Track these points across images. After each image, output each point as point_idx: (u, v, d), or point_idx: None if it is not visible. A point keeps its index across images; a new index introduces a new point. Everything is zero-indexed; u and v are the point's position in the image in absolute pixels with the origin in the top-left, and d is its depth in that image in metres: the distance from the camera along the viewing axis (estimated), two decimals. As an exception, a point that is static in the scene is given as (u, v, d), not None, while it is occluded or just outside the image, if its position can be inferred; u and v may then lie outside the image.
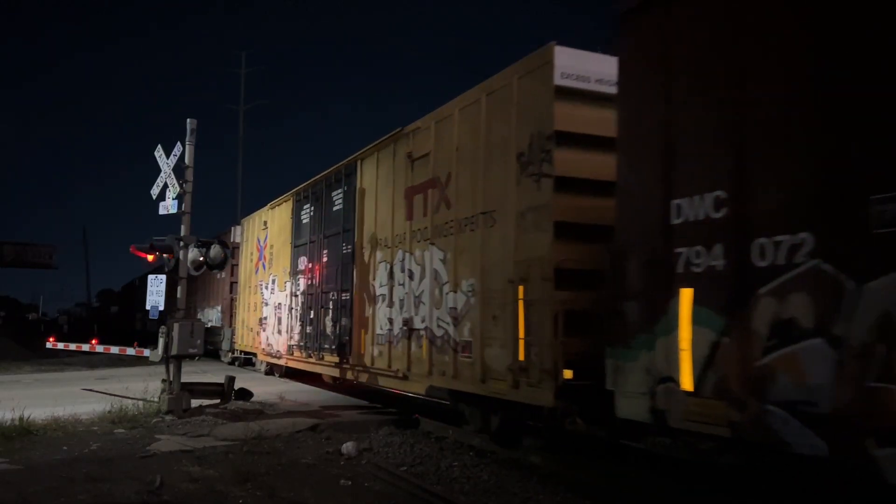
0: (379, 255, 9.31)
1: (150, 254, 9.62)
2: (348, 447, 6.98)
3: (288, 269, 12.83)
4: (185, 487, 5.62)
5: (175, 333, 9.14)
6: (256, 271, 15.56)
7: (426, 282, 7.98)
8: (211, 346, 19.46)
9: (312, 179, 12.04)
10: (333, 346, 10.39)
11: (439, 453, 6.98)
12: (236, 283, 18.04)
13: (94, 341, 20.71)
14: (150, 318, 11.73)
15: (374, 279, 9.41)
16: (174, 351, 9.17)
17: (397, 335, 8.64)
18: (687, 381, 4.26)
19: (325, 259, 11.05)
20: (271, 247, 14.37)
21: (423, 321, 8.03)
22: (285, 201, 13.54)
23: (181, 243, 9.56)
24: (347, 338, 9.97)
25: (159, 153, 9.93)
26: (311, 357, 11.47)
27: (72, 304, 67.73)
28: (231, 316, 18.47)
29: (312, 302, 11.42)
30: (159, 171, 9.93)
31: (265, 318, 14.53)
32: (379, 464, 6.56)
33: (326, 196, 11.20)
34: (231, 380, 10.32)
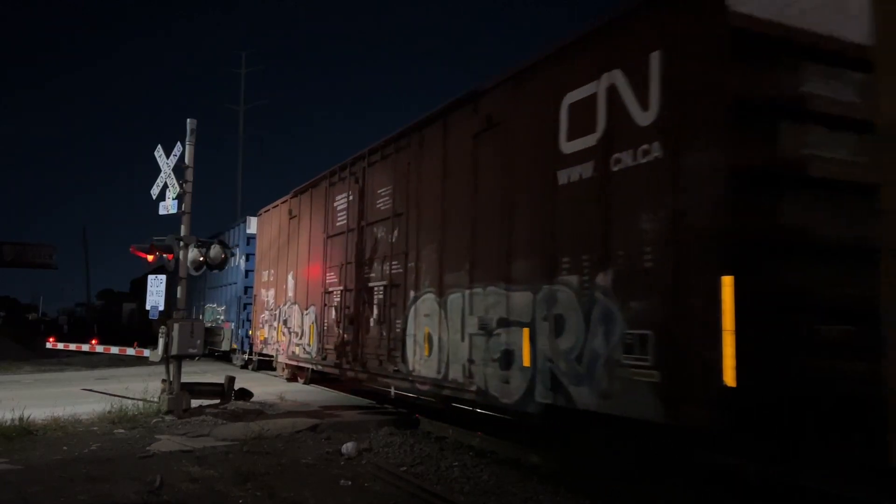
0: None
1: (150, 254, 9.62)
2: (348, 447, 6.98)
3: None
4: (185, 487, 5.62)
5: (175, 333, 9.15)
6: None
7: None
8: (211, 345, 19.17)
9: None
10: None
11: (439, 453, 6.99)
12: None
13: (94, 341, 20.67)
14: (151, 318, 11.61)
15: None
16: (174, 351, 9.17)
17: None
18: None
19: None
20: None
21: None
22: None
23: (181, 243, 9.57)
24: None
25: (159, 153, 9.93)
26: None
27: (72, 304, 67.58)
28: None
29: None
30: (159, 171, 9.93)
31: None
32: (379, 464, 6.57)
33: None
34: (231, 380, 10.33)
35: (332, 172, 11.33)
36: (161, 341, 9.27)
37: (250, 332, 16.93)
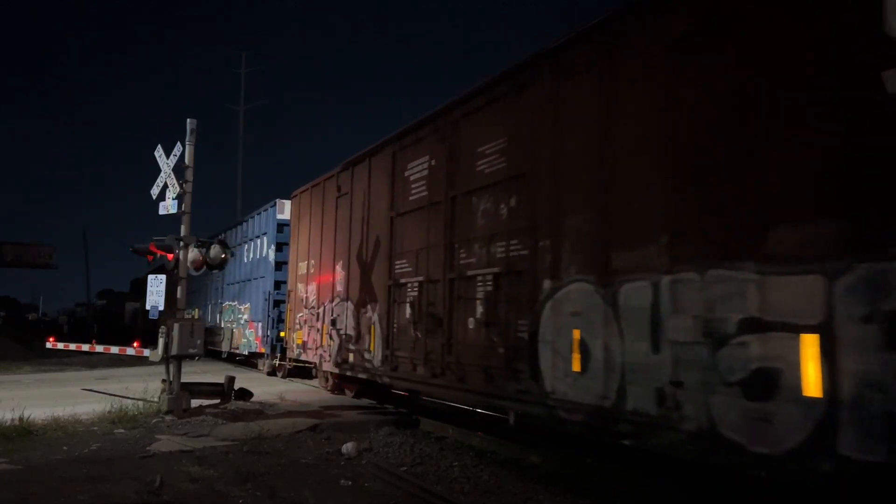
0: None
1: (150, 254, 9.64)
2: (348, 447, 6.98)
3: None
4: (185, 487, 5.62)
5: (175, 333, 9.16)
6: None
7: None
8: (210, 345, 18.86)
9: None
10: None
11: (439, 453, 6.99)
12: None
13: (94, 341, 20.66)
14: (151, 318, 11.56)
15: None
16: (174, 351, 9.18)
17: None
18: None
19: None
20: None
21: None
22: None
23: (181, 243, 9.58)
24: None
25: (159, 153, 9.94)
26: None
27: (72, 304, 67.67)
28: None
29: None
30: (159, 171, 9.94)
31: None
32: (379, 464, 6.57)
33: None
34: (231, 380, 10.33)
35: (402, 133, 8.91)
36: (161, 341, 9.28)
37: (282, 335, 14.47)
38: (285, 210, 15.18)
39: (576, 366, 5.43)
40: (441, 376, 7.43)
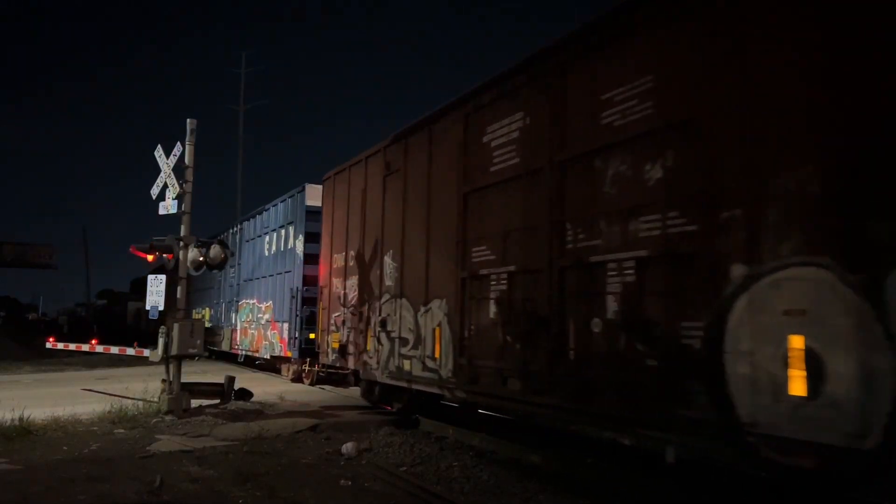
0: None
1: (150, 254, 9.64)
2: (348, 447, 6.99)
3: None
4: (185, 487, 5.62)
5: (175, 333, 9.16)
6: None
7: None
8: (211, 346, 18.69)
9: None
10: None
11: (439, 453, 6.99)
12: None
13: (94, 341, 20.64)
14: (150, 318, 11.52)
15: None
16: (174, 351, 9.18)
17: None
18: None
19: None
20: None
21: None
22: None
23: (181, 243, 9.58)
24: None
25: (159, 153, 9.94)
26: None
27: (72, 304, 67.75)
28: None
29: None
30: (159, 171, 9.94)
31: None
32: (379, 464, 6.57)
33: None
34: (231, 380, 10.34)
35: (479, 90, 7.21)
36: (161, 341, 9.29)
37: (312, 336, 12.83)
38: (315, 196, 13.41)
39: (797, 388, 3.85)
40: (548, 394, 5.81)
